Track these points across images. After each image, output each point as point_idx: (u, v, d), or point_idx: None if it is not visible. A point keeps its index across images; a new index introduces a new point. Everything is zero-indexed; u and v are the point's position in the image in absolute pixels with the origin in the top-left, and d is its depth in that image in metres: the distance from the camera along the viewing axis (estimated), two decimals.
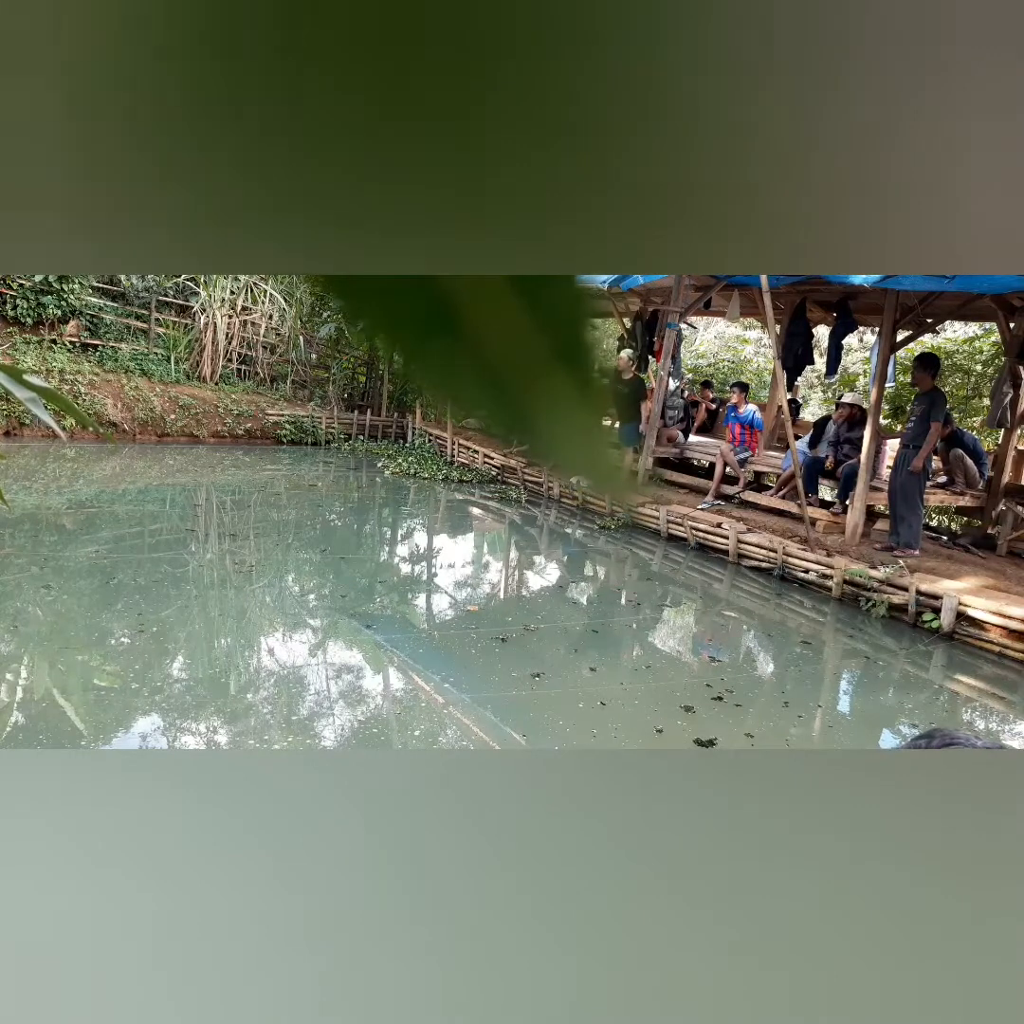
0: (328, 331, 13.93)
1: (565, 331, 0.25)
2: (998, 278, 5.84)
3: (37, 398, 0.86)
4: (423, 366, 0.25)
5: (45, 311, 11.51)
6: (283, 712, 3.99)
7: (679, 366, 10.39)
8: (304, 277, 0.28)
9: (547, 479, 9.97)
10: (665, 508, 8.26)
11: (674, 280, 8.80)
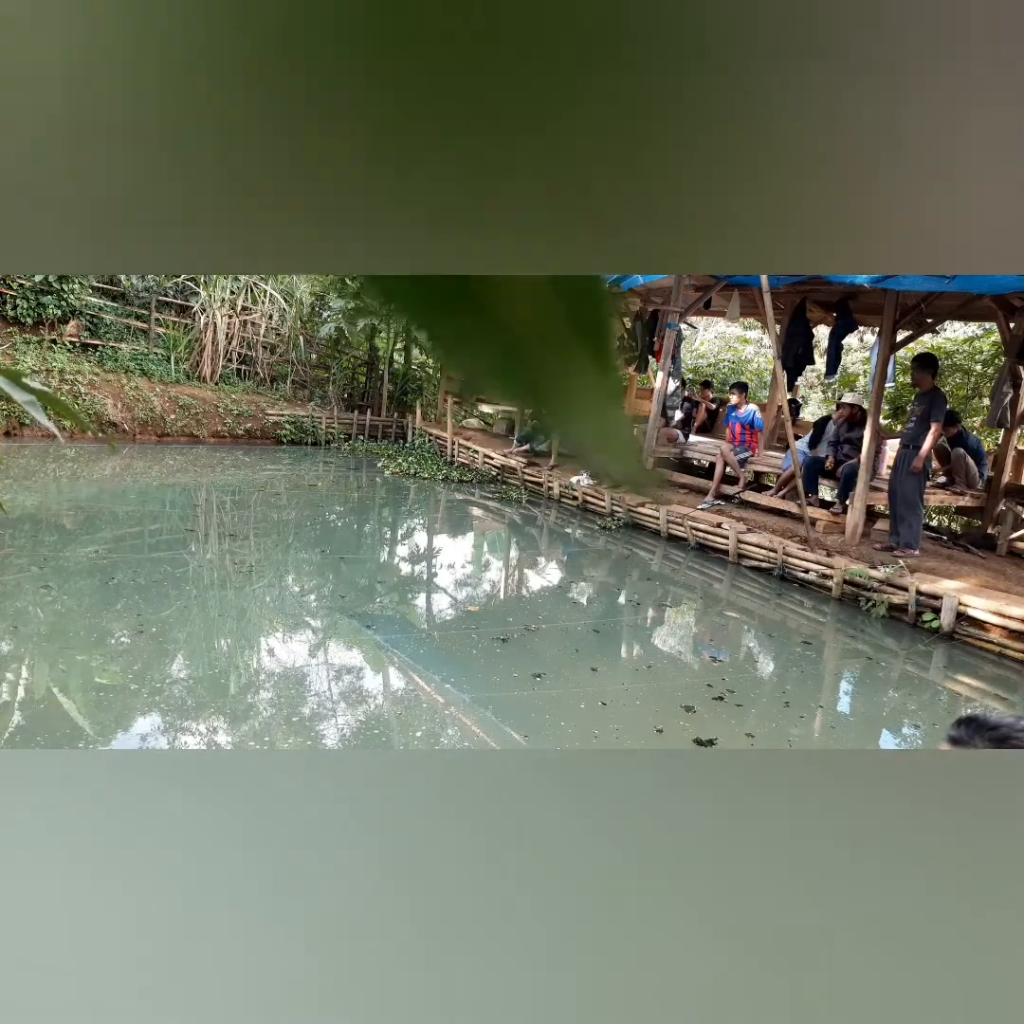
0: (328, 331, 13.93)
1: (586, 306, 0.25)
2: (998, 278, 5.84)
3: (35, 401, 0.86)
4: (443, 343, 0.25)
5: (45, 311, 11.51)
6: (283, 713, 3.99)
7: (679, 366, 10.38)
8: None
9: (547, 479, 9.97)
10: (665, 508, 8.26)
11: (674, 280, 8.80)
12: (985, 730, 1.00)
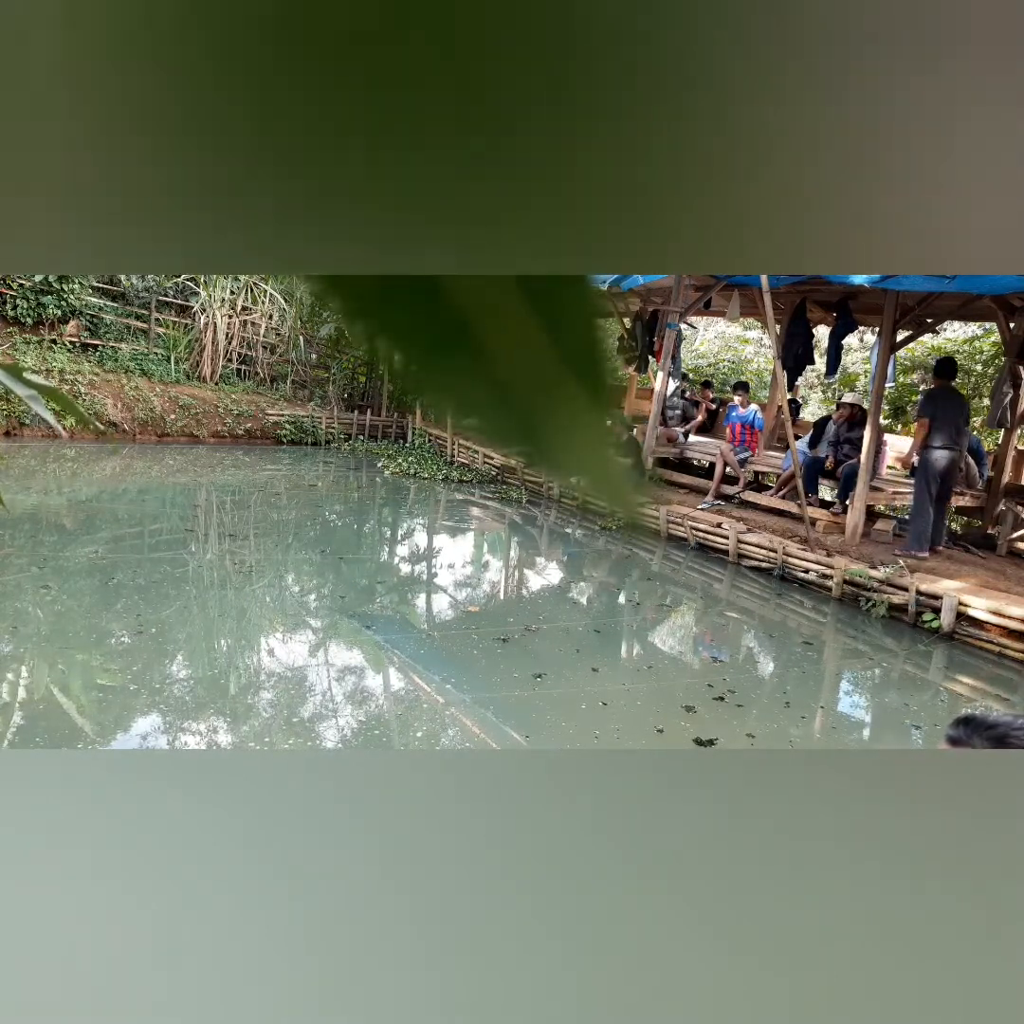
0: (328, 331, 13.93)
1: (575, 341, 0.25)
2: (998, 278, 5.84)
3: (38, 395, 0.86)
4: (428, 378, 0.25)
5: (45, 311, 11.51)
6: (284, 714, 3.99)
7: (679, 366, 10.38)
8: (305, 283, 0.28)
9: (547, 479, 9.97)
10: (665, 508, 8.25)
11: (674, 280, 8.80)
12: (983, 729, 1.01)
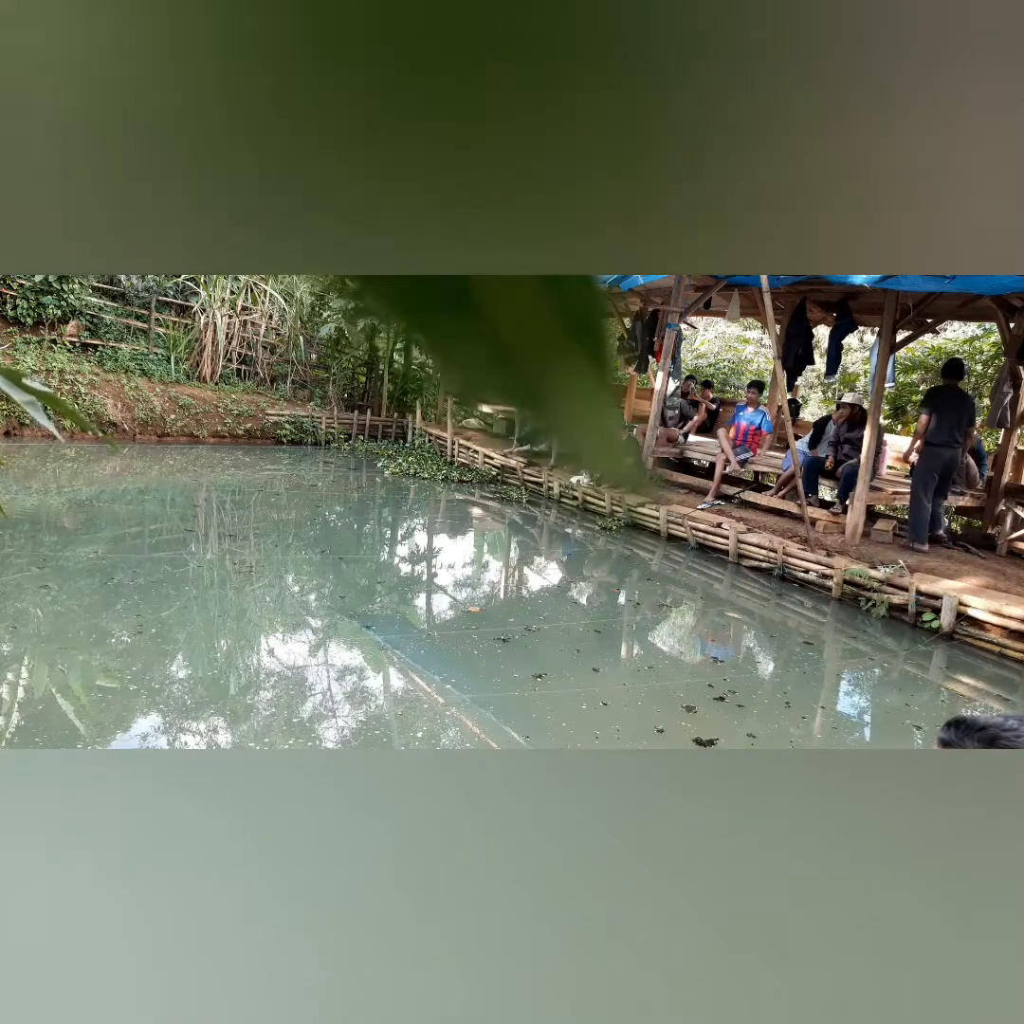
0: (328, 331, 13.93)
1: (579, 310, 0.25)
2: (998, 278, 5.84)
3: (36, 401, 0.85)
4: (438, 344, 0.25)
5: (45, 311, 11.51)
6: (284, 714, 3.99)
7: (679, 366, 10.38)
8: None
9: (547, 479, 9.97)
10: (665, 508, 8.25)
11: (674, 280, 8.80)
12: (974, 731, 1.01)
